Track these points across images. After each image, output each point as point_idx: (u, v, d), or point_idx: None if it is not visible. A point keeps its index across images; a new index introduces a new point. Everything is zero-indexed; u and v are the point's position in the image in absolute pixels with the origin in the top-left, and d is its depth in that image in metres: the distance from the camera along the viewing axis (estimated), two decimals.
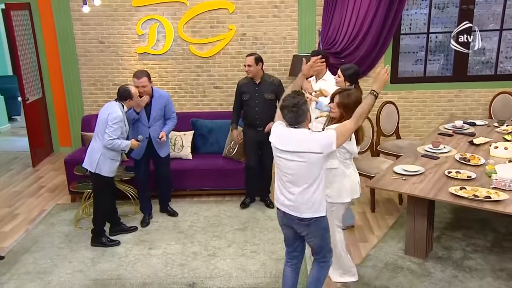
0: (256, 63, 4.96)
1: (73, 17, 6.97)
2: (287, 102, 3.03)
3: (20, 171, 6.77)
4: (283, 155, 3.09)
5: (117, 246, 4.55)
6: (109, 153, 4.39)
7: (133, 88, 4.47)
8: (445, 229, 4.70)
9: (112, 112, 4.34)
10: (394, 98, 7.20)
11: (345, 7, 6.77)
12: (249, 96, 5.04)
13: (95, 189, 4.57)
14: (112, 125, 4.28)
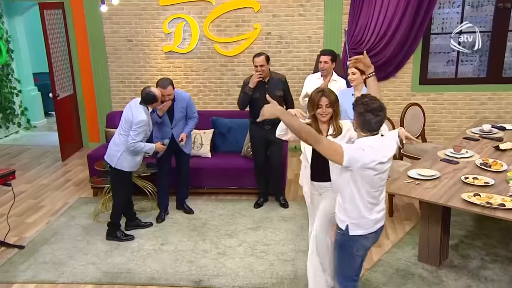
0: (267, 62, 4.93)
1: (103, 16, 7.15)
2: (374, 105, 2.70)
3: (50, 165, 7.01)
4: (383, 166, 2.77)
5: (131, 240, 4.62)
6: (131, 151, 4.48)
7: (157, 91, 4.50)
8: (465, 236, 4.52)
9: (138, 116, 4.40)
10: (423, 100, 7.01)
11: (372, 5, 6.64)
12: (259, 95, 5.00)
13: (113, 183, 4.68)
14: (137, 128, 4.36)
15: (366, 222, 2.87)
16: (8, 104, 8.64)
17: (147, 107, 4.49)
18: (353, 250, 2.91)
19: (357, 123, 2.79)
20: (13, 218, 5.25)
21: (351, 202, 2.84)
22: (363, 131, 2.77)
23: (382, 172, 2.79)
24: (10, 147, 7.96)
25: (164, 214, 5.15)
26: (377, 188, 2.83)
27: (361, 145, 2.73)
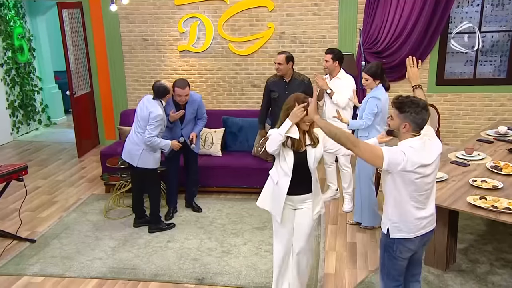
0: (286, 62, 4.91)
1: (120, 15, 7.24)
2: (422, 102, 2.67)
3: (66, 161, 7.15)
4: (426, 169, 2.69)
5: (173, 228, 4.87)
6: (149, 147, 4.56)
7: (168, 83, 4.58)
8: (476, 241, 4.42)
9: (154, 111, 4.46)
10: (440, 100, 6.89)
11: (388, 5, 6.55)
12: (279, 95, 4.99)
13: (145, 182, 4.78)
14: (153, 122, 4.43)
15: (409, 226, 2.78)
16: (29, 101, 8.85)
17: (161, 101, 4.54)
18: (396, 252, 2.85)
19: (410, 124, 2.67)
20: (27, 212, 5.38)
21: (392, 205, 2.78)
22: (414, 131, 2.69)
23: (425, 176, 2.69)
24: (30, 143, 8.15)
25: (172, 211, 5.19)
26: (422, 191, 2.73)
27: (402, 148, 2.66)
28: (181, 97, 4.72)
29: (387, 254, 2.90)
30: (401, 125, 2.71)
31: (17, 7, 8.52)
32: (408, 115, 2.66)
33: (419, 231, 2.81)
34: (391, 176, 2.71)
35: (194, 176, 5.31)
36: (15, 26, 8.43)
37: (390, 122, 2.82)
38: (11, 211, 5.35)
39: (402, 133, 2.73)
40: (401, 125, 2.71)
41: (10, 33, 8.28)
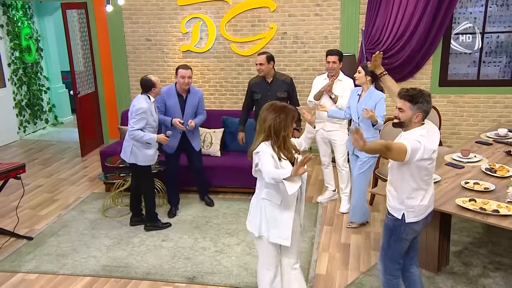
0: (267, 61, 4.92)
1: (123, 16, 7.31)
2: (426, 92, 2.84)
3: (69, 160, 7.23)
4: (435, 154, 2.91)
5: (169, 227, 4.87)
6: (140, 143, 4.57)
7: (154, 77, 4.61)
8: (471, 243, 4.37)
9: (136, 104, 4.52)
10: (443, 102, 6.83)
11: (390, 5, 6.51)
12: (261, 96, 5.01)
13: (137, 179, 4.81)
14: (135, 116, 4.47)
15: (420, 209, 2.96)
16: (37, 101, 8.97)
17: (149, 96, 4.57)
18: (403, 234, 3.00)
19: (423, 113, 2.83)
20: (27, 210, 5.46)
21: (409, 192, 2.92)
22: (421, 121, 2.86)
23: (434, 160, 2.90)
24: (35, 142, 8.26)
25: (175, 210, 5.25)
26: (431, 175, 2.95)
27: (416, 137, 2.79)
28: (184, 79, 4.81)
29: (394, 237, 3.03)
30: (413, 115, 2.84)
31: (25, 8, 8.65)
32: (421, 106, 2.81)
33: (425, 212, 3.01)
34: (407, 167, 2.84)
35: (200, 175, 5.36)
36: (23, 26, 8.55)
37: (400, 115, 2.90)
38: (12, 208, 5.43)
39: (413, 123, 2.86)
40: (414, 116, 2.84)
41: (17, 34, 8.41)
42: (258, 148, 2.93)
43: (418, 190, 2.92)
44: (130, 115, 4.57)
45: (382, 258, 3.16)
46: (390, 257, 3.10)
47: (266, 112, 2.96)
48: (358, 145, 2.68)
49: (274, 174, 2.82)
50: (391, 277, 3.15)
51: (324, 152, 5.29)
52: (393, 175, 2.99)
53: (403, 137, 2.90)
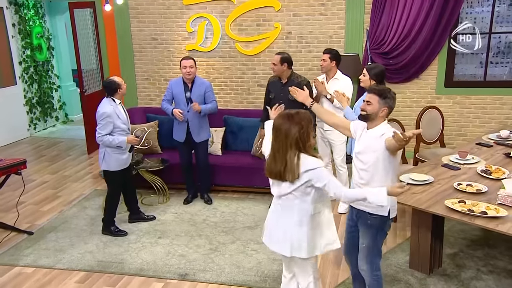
0: (281, 62, 4.90)
1: (130, 15, 7.39)
2: (392, 91, 3.04)
3: (76, 157, 7.34)
4: None
5: (125, 236, 4.73)
6: (110, 148, 4.52)
7: (118, 78, 4.52)
8: (467, 246, 4.33)
9: (100, 109, 4.38)
10: (448, 103, 6.75)
11: (395, 4, 6.47)
12: (275, 95, 5.01)
13: (107, 183, 4.78)
14: (100, 121, 4.37)
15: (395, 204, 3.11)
16: (47, 98, 9.13)
17: (113, 99, 4.49)
18: (386, 228, 3.14)
19: (388, 108, 3.00)
20: (30, 206, 5.57)
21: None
22: (387, 116, 3.04)
23: None
24: (44, 139, 8.40)
25: (191, 198, 5.49)
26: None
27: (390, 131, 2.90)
28: (186, 68, 5.02)
29: (380, 234, 3.11)
30: (380, 109, 2.97)
31: (37, 7, 8.80)
32: (389, 100, 2.98)
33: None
34: (394, 159, 2.98)
35: (203, 171, 5.43)
36: (34, 25, 8.70)
37: (368, 108, 3.00)
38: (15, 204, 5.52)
39: (378, 117, 2.99)
40: (381, 110, 2.97)
41: (29, 32, 8.57)
42: (311, 163, 2.71)
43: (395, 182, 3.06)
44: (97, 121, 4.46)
45: (366, 257, 3.17)
46: (376, 254, 3.15)
47: (285, 125, 2.72)
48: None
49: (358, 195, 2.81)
50: (378, 272, 3.19)
51: (323, 152, 5.28)
52: (376, 174, 2.99)
53: (372, 135, 2.98)
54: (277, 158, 2.74)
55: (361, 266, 3.23)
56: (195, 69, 5.15)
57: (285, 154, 2.71)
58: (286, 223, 2.87)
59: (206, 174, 5.50)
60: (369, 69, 4.37)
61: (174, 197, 5.63)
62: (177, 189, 5.78)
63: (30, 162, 7.17)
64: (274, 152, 2.76)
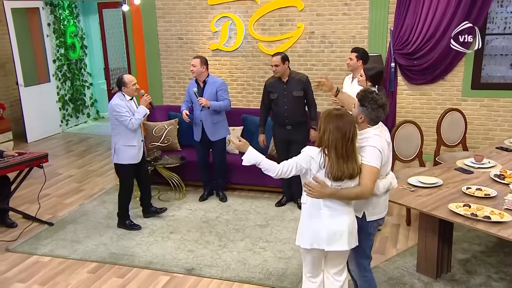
0: (282, 62, 4.93)
1: (157, 15, 7.55)
2: (383, 101, 2.91)
3: (102, 153, 7.57)
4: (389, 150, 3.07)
5: (139, 230, 4.86)
6: (121, 141, 4.68)
7: (127, 76, 4.70)
8: (481, 252, 4.20)
9: (111, 102, 4.67)
10: (475, 105, 6.57)
11: (420, 4, 6.35)
12: (277, 95, 5.04)
13: (118, 177, 4.95)
14: (119, 111, 4.58)
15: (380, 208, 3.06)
16: (79, 96, 9.45)
17: (123, 94, 4.69)
18: (370, 230, 3.10)
19: (365, 117, 2.92)
20: (54, 198, 5.81)
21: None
22: (370, 124, 2.94)
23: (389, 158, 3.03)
24: (75, 135, 8.70)
25: (206, 195, 5.60)
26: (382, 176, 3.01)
27: (373, 142, 2.86)
28: (191, 67, 5.22)
29: (363, 236, 3.06)
30: (358, 115, 2.94)
31: (71, 7, 9.13)
32: (365, 109, 2.90)
33: (385, 211, 3.13)
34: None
35: (219, 168, 5.51)
36: (69, 25, 9.03)
37: (352, 110, 3.05)
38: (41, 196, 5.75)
39: (359, 123, 2.93)
40: (358, 116, 2.94)
41: (63, 32, 8.90)
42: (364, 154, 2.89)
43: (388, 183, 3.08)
44: (111, 118, 4.67)
45: (353, 258, 3.17)
46: (362, 255, 3.14)
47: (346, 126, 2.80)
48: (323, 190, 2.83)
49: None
50: (366, 273, 3.19)
51: None
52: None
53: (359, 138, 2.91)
54: (348, 159, 2.78)
55: (350, 266, 3.24)
56: (200, 68, 5.20)
57: (354, 152, 2.81)
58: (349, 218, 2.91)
59: (222, 172, 5.57)
60: (366, 70, 4.32)
61: (191, 194, 5.73)
62: (195, 186, 5.87)
63: (59, 156, 7.46)
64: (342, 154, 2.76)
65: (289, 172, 2.88)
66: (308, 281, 3.09)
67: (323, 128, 2.78)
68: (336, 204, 2.84)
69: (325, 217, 2.86)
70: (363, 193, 2.79)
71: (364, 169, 2.80)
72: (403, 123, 5.06)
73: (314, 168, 2.82)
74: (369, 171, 2.79)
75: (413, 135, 5.06)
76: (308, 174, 2.87)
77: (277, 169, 2.91)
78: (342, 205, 2.85)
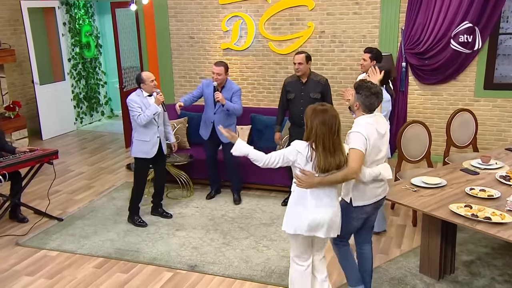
0: (306, 61, 4.90)
1: (169, 14, 7.62)
2: (377, 89, 3.12)
3: (114, 150, 7.68)
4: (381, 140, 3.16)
5: (145, 227, 4.92)
6: (136, 135, 4.83)
7: (145, 73, 4.80)
8: (487, 254, 4.15)
9: (127, 98, 4.80)
10: (488, 106, 6.48)
11: (432, 3, 6.29)
12: (295, 95, 5.01)
13: (134, 170, 5.04)
14: (131, 106, 4.72)
15: (366, 196, 3.18)
16: (94, 94, 9.58)
17: (141, 90, 4.79)
18: (353, 214, 3.24)
19: (360, 105, 3.13)
20: (65, 194, 5.91)
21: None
22: (365, 111, 3.14)
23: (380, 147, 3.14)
24: (89, 133, 8.84)
25: (214, 193, 5.64)
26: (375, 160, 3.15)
27: (359, 128, 3.05)
28: (214, 75, 5.18)
29: (346, 218, 3.23)
30: (354, 103, 3.17)
31: (87, 7, 9.26)
32: (360, 97, 3.12)
33: (374, 198, 3.22)
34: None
35: (232, 169, 5.50)
36: (84, 24, 9.17)
37: (350, 99, 3.34)
38: (53, 192, 5.87)
39: (355, 110, 3.18)
40: (354, 104, 3.17)
41: (78, 31, 9.04)
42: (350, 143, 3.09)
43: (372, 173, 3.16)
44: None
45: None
46: (343, 230, 3.24)
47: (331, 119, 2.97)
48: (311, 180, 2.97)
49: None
50: (338, 241, 3.37)
51: None
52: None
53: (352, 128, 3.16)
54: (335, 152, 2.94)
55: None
56: (224, 76, 5.20)
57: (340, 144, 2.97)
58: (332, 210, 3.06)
59: (236, 173, 5.56)
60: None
61: (198, 192, 5.78)
62: (203, 184, 5.92)
63: (73, 153, 7.59)
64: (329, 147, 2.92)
65: (276, 163, 3.08)
66: (295, 264, 3.24)
67: (310, 123, 2.94)
68: (322, 195, 3.00)
69: (310, 206, 3.01)
70: (348, 174, 2.96)
71: (349, 153, 3.00)
72: (411, 123, 5.02)
73: (301, 161, 2.97)
74: (353, 153, 2.97)
75: (421, 135, 5.02)
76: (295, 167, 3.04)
77: (264, 159, 3.12)
78: (327, 197, 3.01)
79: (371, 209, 3.26)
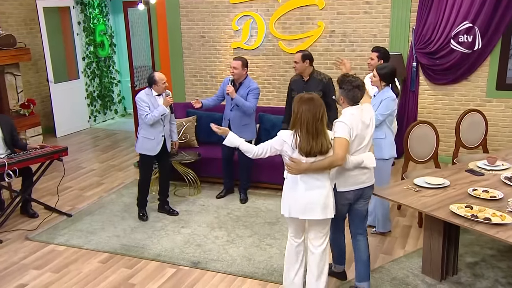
0: (302, 60, 4.93)
1: (181, 14, 7.69)
2: (358, 82, 3.31)
3: (125, 148, 7.77)
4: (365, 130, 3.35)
5: (145, 222, 5.03)
6: (142, 132, 4.92)
7: (158, 75, 4.87)
8: (492, 256, 4.10)
9: (136, 96, 4.90)
10: (500, 107, 6.40)
11: (443, 2, 6.23)
12: (296, 93, 5.01)
13: (139, 166, 5.14)
14: (139, 105, 4.81)
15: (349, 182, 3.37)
16: (107, 92, 9.71)
17: (151, 90, 4.87)
18: (340, 201, 3.43)
19: (345, 98, 3.35)
20: (75, 191, 6.01)
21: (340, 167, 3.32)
22: (349, 104, 3.35)
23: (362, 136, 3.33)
24: (102, 131, 8.96)
25: (225, 193, 5.63)
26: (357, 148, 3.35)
27: (343, 118, 3.28)
28: (231, 68, 5.24)
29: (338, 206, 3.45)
30: (339, 97, 3.40)
31: (101, 6, 9.39)
32: (343, 91, 3.34)
33: (357, 185, 3.40)
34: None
35: (243, 168, 5.50)
36: (98, 23, 9.30)
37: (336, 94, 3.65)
38: (64, 188, 5.98)
39: (341, 104, 3.40)
40: (339, 98, 3.39)
41: (93, 30, 9.17)
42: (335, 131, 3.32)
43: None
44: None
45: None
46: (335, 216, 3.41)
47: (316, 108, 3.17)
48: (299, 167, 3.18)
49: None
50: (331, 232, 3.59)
51: None
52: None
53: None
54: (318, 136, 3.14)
55: None
56: (241, 71, 5.19)
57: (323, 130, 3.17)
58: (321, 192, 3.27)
59: (245, 173, 5.56)
60: (378, 69, 4.27)
61: (206, 190, 5.82)
62: (210, 182, 5.96)
63: (85, 151, 7.71)
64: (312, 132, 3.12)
65: (264, 153, 3.34)
66: (291, 239, 3.53)
67: (296, 109, 3.15)
68: (311, 179, 3.22)
69: (301, 190, 3.25)
70: (334, 160, 3.16)
71: (334, 141, 3.21)
72: (418, 123, 4.98)
73: (288, 149, 3.21)
74: (338, 141, 3.19)
75: (428, 135, 4.97)
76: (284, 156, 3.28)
77: (253, 150, 3.39)
78: (316, 180, 3.23)
79: (353, 196, 3.42)
